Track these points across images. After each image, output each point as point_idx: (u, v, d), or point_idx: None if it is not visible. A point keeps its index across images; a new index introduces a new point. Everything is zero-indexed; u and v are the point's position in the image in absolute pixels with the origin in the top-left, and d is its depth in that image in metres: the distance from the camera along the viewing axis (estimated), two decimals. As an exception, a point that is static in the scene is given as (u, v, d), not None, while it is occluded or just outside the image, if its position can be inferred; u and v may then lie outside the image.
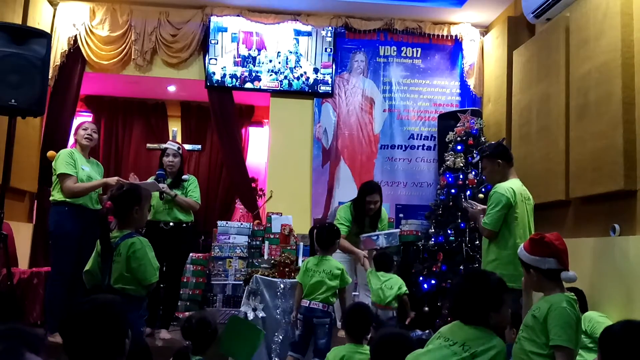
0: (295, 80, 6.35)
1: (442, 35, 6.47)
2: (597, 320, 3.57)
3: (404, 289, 4.11)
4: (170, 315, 4.64)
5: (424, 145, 6.50)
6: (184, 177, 4.68)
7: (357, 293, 4.61)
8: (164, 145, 4.88)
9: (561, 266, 2.39)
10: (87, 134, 4.39)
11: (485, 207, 3.82)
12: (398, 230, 4.57)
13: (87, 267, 2.94)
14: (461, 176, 5.34)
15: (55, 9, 6.00)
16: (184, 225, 4.60)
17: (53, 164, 4.23)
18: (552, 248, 2.40)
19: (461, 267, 4.90)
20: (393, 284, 4.08)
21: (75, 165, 4.17)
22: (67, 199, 4.16)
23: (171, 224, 4.53)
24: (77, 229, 4.13)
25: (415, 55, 6.57)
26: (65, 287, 4.08)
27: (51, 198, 4.24)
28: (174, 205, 4.55)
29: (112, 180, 4.25)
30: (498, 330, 2.27)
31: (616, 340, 1.92)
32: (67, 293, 4.08)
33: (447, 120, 6.03)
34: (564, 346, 2.20)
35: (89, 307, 1.70)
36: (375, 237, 4.42)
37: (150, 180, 4.57)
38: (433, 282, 5.11)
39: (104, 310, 1.69)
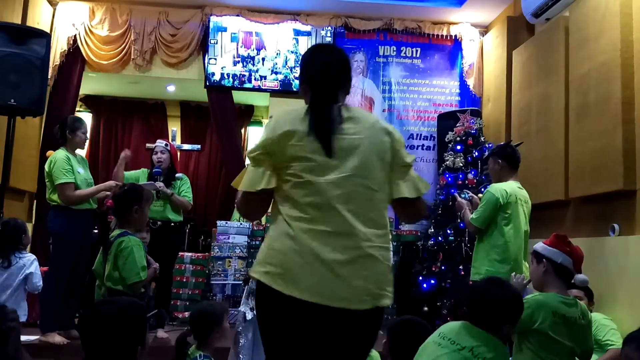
0: (295, 80, 6.34)
1: (442, 35, 6.47)
2: (601, 322, 3.52)
3: None
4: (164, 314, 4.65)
5: (423, 145, 6.50)
6: (178, 175, 4.74)
7: None
8: (152, 145, 4.96)
9: (573, 269, 2.50)
10: (85, 138, 4.36)
11: (473, 195, 3.95)
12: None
13: (94, 267, 3.00)
14: (461, 176, 5.34)
15: (54, 9, 6.00)
16: (172, 224, 4.62)
17: (47, 167, 4.09)
18: (572, 249, 2.51)
19: (460, 267, 4.90)
20: None
21: (73, 171, 4.10)
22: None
23: (159, 223, 4.54)
24: (79, 231, 4.10)
25: (414, 55, 6.57)
26: (61, 288, 4.05)
27: (51, 202, 4.13)
28: (166, 204, 4.58)
29: (109, 185, 4.23)
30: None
31: None
32: (63, 294, 4.06)
33: (446, 120, 6.03)
34: None
35: (112, 308, 1.70)
36: None
37: (143, 172, 4.67)
38: (433, 282, 5.11)
39: (127, 314, 1.70)
